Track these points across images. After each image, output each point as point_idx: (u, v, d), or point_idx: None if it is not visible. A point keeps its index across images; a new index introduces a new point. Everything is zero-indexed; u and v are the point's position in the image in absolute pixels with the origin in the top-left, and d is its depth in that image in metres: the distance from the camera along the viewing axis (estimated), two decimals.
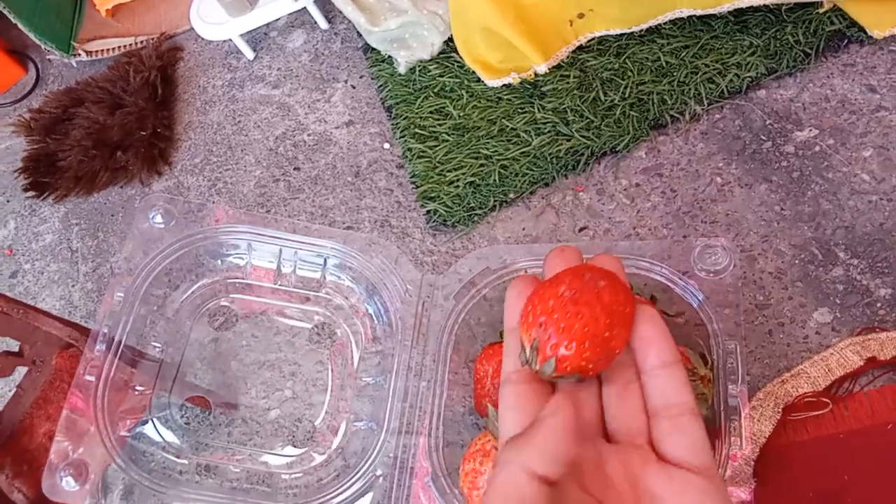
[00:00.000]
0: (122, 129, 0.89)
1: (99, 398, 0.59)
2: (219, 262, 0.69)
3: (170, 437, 0.64)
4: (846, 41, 0.71)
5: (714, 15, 0.72)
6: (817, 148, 0.68)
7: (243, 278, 0.69)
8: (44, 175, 0.90)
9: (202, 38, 0.93)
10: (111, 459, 0.56)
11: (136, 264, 0.65)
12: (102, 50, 0.99)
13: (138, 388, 0.63)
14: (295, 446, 0.67)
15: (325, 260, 0.67)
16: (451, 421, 0.64)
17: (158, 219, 0.65)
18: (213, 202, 0.83)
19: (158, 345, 0.67)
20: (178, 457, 0.63)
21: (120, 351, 0.59)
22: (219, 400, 0.70)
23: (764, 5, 0.70)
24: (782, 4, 0.71)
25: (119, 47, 0.99)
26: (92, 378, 0.59)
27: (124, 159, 0.88)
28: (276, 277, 0.69)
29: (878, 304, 0.61)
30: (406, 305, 0.64)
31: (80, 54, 0.98)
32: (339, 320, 0.70)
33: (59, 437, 0.57)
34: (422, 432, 0.59)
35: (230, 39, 0.90)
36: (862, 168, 0.66)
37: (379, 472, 0.57)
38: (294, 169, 0.83)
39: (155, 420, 0.65)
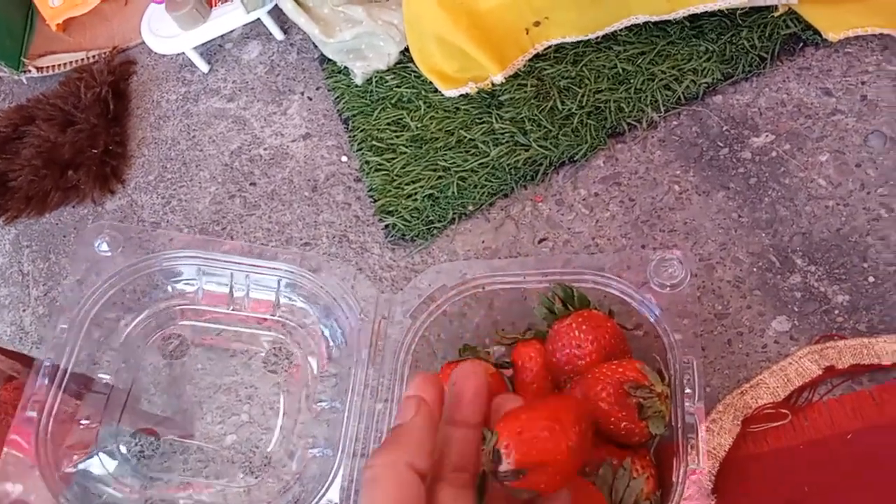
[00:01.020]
0: (73, 146, 0.87)
1: (41, 435, 0.57)
2: (169, 287, 0.68)
3: (119, 471, 0.63)
4: (801, 44, 0.71)
5: (670, 21, 0.72)
6: (774, 153, 0.68)
7: (195, 304, 0.68)
8: None
9: (156, 52, 0.91)
10: (56, 499, 0.55)
11: (82, 293, 0.63)
12: (53, 66, 0.96)
13: (84, 421, 0.61)
14: (252, 473, 0.65)
15: (279, 282, 0.66)
16: None
17: (104, 246, 0.64)
18: (167, 221, 0.81)
19: (107, 375, 0.65)
20: (128, 491, 0.61)
21: (64, 384, 0.57)
22: (173, 427, 0.68)
23: (719, 10, 0.70)
24: (737, 9, 0.71)
25: (70, 62, 0.96)
26: (34, 414, 0.57)
27: (76, 178, 0.86)
28: (228, 302, 0.67)
29: (836, 312, 0.61)
30: (362, 324, 0.62)
31: (30, 70, 0.96)
32: (294, 342, 0.69)
33: None
34: None
35: (184, 52, 0.88)
36: (818, 173, 0.66)
37: (335, 499, 0.56)
38: (250, 184, 0.82)
39: (102, 454, 0.63)
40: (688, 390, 0.52)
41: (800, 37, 0.71)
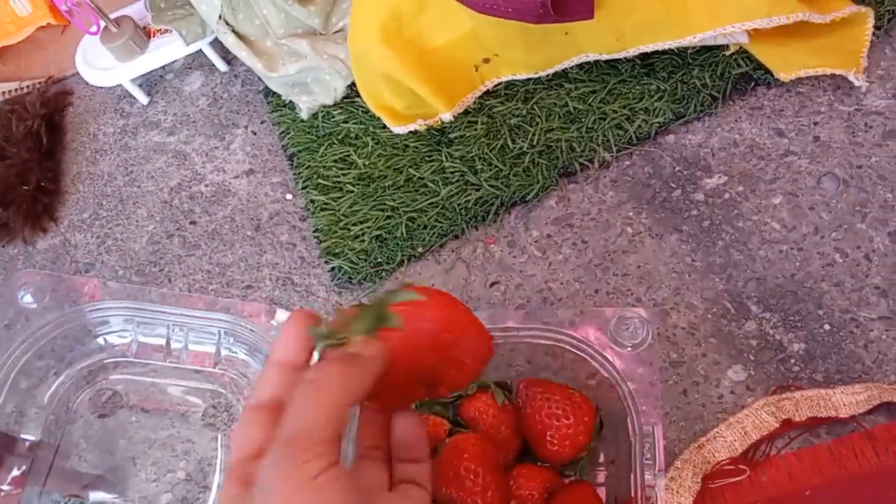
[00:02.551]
0: (3, 183, 0.82)
1: None
2: (100, 340, 0.64)
3: None
4: (753, 84, 0.70)
5: (621, 59, 0.70)
6: (727, 195, 0.67)
7: (127, 357, 0.64)
8: None
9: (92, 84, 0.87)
10: None
11: (8, 344, 0.59)
12: None
13: (5, 487, 0.57)
14: None
15: (220, 333, 0.63)
16: None
17: (28, 298, 0.60)
18: (102, 261, 0.77)
19: (31, 437, 0.61)
20: None
21: None
22: (105, 486, 0.64)
23: (670, 49, 0.69)
24: (688, 48, 0.70)
25: (3, 93, 0.92)
26: None
27: (6, 216, 0.81)
28: (165, 354, 0.64)
29: (792, 360, 0.59)
30: None
31: None
32: (236, 396, 0.65)
33: None
34: None
35: (121, 84, 0.85)
36: (772, 216, 0.65)
37: None
38: (190, 223, 0.78)
39: None
40: (647, 459, 0.50)
41: (752, 76, 0.70)
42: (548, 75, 0.73)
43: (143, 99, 0.87)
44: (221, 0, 0.74)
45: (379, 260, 0.70)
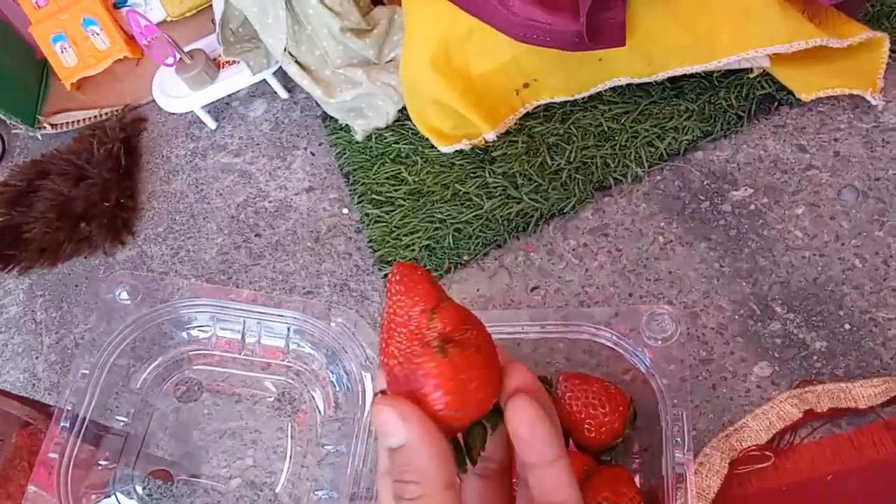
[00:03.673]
0: (85, 200, 0.91)
1: (62, 475, 0.60)
2: (184, 334, 0.71)
3: None
4: (776, 104, 0.75)
5: (651, 82, 0.76)
6: (752, 206, 0.72)
7: (208, 350, 0.71)
8: (8, 247, 0.91)
9: (166, 110, 0.95)
10: None
11: (101, 339, 0.66)
12: (67, 122, 1.01)
13: (102, 462, 0.64)
14: None
15: (289, 328, 0.69)
16: None
17: (124, 295, 0.67)
18: (176, 271, 0.85)
19: (123, 418, 0.68)
20: None
21: (84, 427, 0.60)
22: (181, 471, 0.70)
23: (697, 72, 0.74)
24: (714, 71, 0.75)
25: (83, 119, 1.01)
26: (56, 455, 0.60)
27: (88, 230, 0.89)
28: (240, 347, 0.70)
29: (815, 357, 0.64)
30: (366, 370, 0.65)
31: (45, 127, 1.01)
32: (301, 387, 0.71)
33: None
34: None
35: (192, 110, 0.93)
36: (795, 225, 0.70)
37: None
38: (255, 235, 0.85)
39: (118, 494, 0.66)
40: (677, 440, 0.55)
41: (774, 96, 0.75)
42: (583, 98, 0.79)
43: (211, 124, 0.95)
44: (287, 34, 0.82)
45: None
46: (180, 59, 0.89)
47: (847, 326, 0.64)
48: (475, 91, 0.77)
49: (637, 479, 0.61)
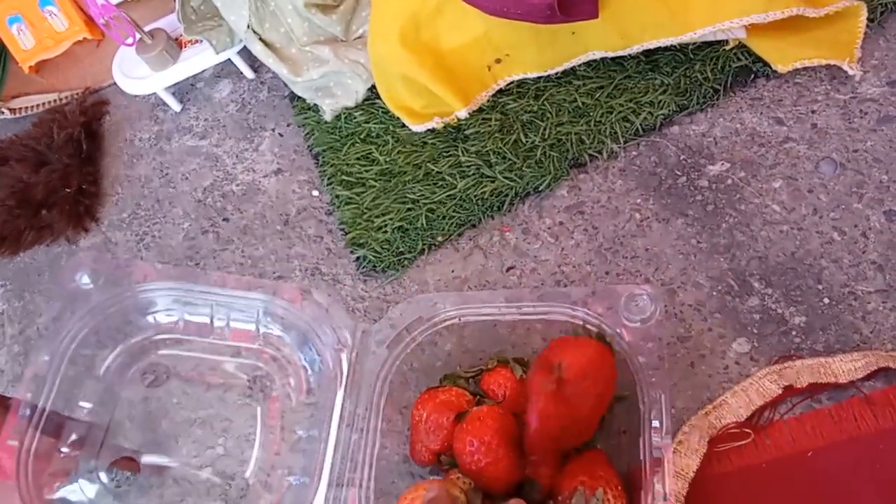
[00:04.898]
0: (46, 186, 0.88)
1: (22, 462, 0.58)
2: (149, 318, 0.69)
3: (99, 497, 0.63)
4: (753, 76, 0.74)
5: (626, 56, 0.74)
6: (729, 181, 0.70)
7: (175, 334, 0.69)
8: None
9: (128, 93, 0.92)
10: None
11: (62, 326, 0.64)
12: (26, 107, 0.97)
13: (64, 449, 0.62)
14: (229, 503, 0.66)
15: (259, 312, 0.67)
16: (385, 470, 0.64)
17: (86, 279, 0.65)
18: (142, 257, 0.82)
19: (88, 405, 0.66)
20: None
21: (45, 415, 0.58)
22: (148, 460, 0.68)
23: (672, 45, 0.73)
24: (689, 44, 0.74)
25: (43, 104, 0.97)
26: (15, 443, 0.58)
27: (49, 217, 0.87)
28: (209, 332, 0.68)
29: (794, 332, 0.63)
30: (339, 354, 0.64)
31: (3, 112, 0.97)
32: (272, 373, 0.70)
33: None
34: (354, 484, 0.58)
35: (156, 92, 0.90)
36: (772, 199, 0.69)
37: None
38: (223, 220, 0.83)
39: (83, 480, 0.64)
40: (655, 423, 0.53)
41: (751, 69, 0.74)
42: (557, 73, 0.77)
43: (175, 106, 0.92)
44: (249, 11, 0.79)
45: (401, 249, 0.75)
46: (140, 38, 0.86)
47: (826, 301, 0.63)
48: (446, 67, 0.75)
49: (617, 462, 0.60)
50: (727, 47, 0.74)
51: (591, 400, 0.54)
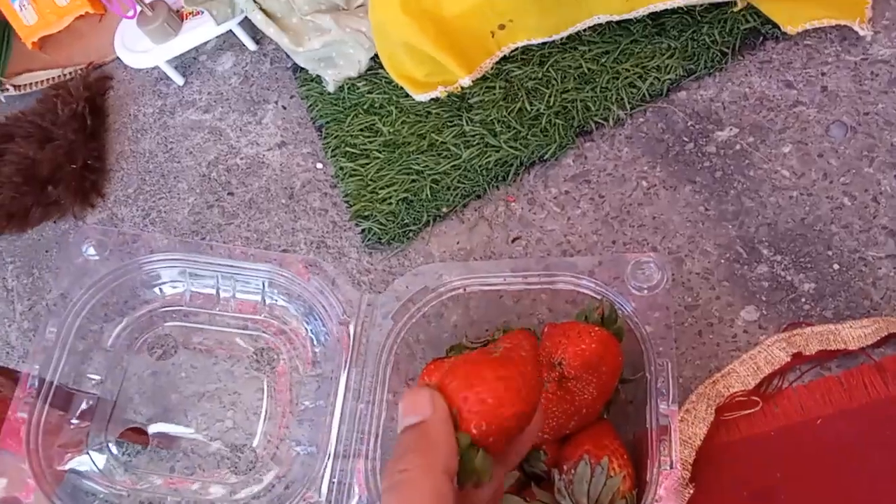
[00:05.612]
0: (52, 163, 0.88)
1: (32, 435, 0.59)
2: (156, 290, 0.69)
3: (109, 469, 0.64)
4: (762, 38, 0.72)
5: (632, 20, 0.73)
6: (738, 146, 0.69)
7: (182, 306, 0.69)
8: None
9: (131, 67, 0.91)
10: (48, 496, 0.56)
11: (70, 299, 0.64)
12: (30, 83, 0.97)
13: (74, 421, 0.63)
14: (238, 474, 0.66)
15: (264, 283, 0.67)
16: (392, 441, 0.64)
17: (91, 251, 0.65)
18: (148, 232, 0.82)
19: (96, 377, 0.66)
20: (119, 489, 0.63)
21: (54, 388, 0.59)
22: (157, 431, 0.69)
23: (679, 7, 0.71)
24: (697, 5, 0.72)
25: (47, 80, 0.97)
26: (24, 415, 0.59)
27: (56, 194, 0.86)
28: (215, 303, 0.69)
29: (803, 300, 0.62)
30: (345, 326, 0.64)
31: (7, 89, 0.97)
32: (279, 345, 0.70)
33: None
34: (361, 455, 0.59)
35: (158, 66, 0.89)
36: (782, 164, 0.67)
37: (318, 498, 0.57)
38: (228, 194, 0.83)
39: (93, 452, 0.64)
40: (662, 391, 0.53)
41: (760, 31, 0.72)
42: (562, 38, 0.75)
43: (178, 80, 0.91)
44: None
45: (406, 221, 0.74)
46: (141, 11, 0.85)
47: (836, 267, 0.63)
48: (448, 34, 0.74)
49: (623, 431, 0.60)
50: (735, 9, 0.72)
51: (594, 390, 0.54)
